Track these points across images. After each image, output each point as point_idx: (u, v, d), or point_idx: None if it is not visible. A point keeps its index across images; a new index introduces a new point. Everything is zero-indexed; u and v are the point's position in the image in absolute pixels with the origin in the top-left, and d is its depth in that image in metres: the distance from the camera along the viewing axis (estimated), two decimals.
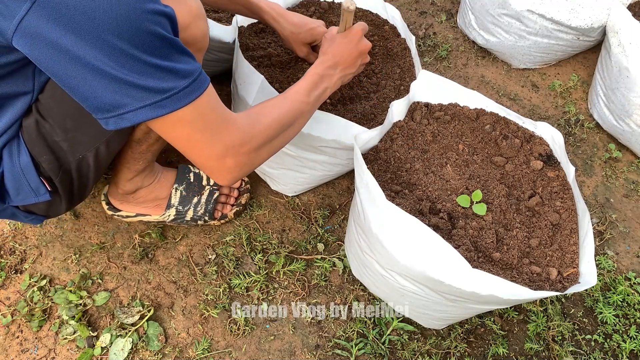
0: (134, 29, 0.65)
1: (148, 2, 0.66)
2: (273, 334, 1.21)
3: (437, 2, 2.05)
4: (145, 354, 1.16)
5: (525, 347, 1.24)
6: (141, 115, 0.70)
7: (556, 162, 1.12)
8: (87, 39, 0.63)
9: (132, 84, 0.67)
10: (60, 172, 0.92)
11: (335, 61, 1.03)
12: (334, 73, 1.03)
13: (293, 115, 0.93)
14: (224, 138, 0.79)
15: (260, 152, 0.87)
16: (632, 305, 1.32)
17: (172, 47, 0.70)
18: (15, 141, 0.87)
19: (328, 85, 1.02)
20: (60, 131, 0.87)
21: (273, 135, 0.88)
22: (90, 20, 0.62)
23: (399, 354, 1.20)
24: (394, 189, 1.04)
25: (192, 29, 0.88)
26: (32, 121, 0.86)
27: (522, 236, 1.01)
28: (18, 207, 0.96)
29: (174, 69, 0.70)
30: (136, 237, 1.31)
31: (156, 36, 0.67)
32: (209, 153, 0.80)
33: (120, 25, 0.63)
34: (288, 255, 1.32)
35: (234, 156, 0.82)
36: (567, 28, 1.63)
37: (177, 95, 0.71)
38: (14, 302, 1.21)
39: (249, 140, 0.83)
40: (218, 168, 0.83)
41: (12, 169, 0.88)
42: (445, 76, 1.42)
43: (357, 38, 1.06)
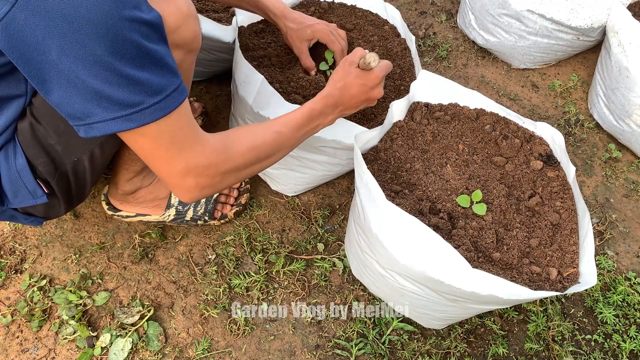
0: (111, 35, 0.63)
1: (128, 8, 0.65)
2: (273, 334, 1.21)
3: (437, 2, 2.05)
4: (145, 354, 1.16)
5: (525, 347, 1.24)
6: (110, 126, 0.69)
7: (556, 162, 1.12)
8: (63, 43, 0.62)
9: (104, 94, 0.66)
10: (56, 175, 0.92)
11: (340, 101, 0.99)
12: (332, 112, 1.00)
13: (273, 148, 0.91)
14: (187, 157, 0.78)
15: (226, 177, 0.85)
16: (632, 305, 1.32)
17: (149, 57, 0.68)
18: (12, 144, 0.87)
19: (322, 122, 0.99)
20: (54, 134, 0.86)
21: (244, 164, 0.86)
22: (68, 24, 0.61)
23: (399, 354, 1.20)
24: (394, 189, 1.04)
25: (182, 30, 0.86)
26: (27, 124, 0.85)
27: (522, 236, 1.01)
28: (17, 210, 0.96)
29: (147, 81, 0.68)
30: (136, 237, 1.31)
31: (132, 45, 0.66)
32: (170, 169, 0.78)
33: (97, 31, 0.62)
34: (288, 255, 1.32)
35: (196, 177, 0.80)
36: (567, 28, 1.63)
37: (147, 110, 0.70)
38: (14, 302, 1.21)
39: (215, 165, 0.81)
40: (178, 185, 0.81)
41: (9, 171, 0.88)
42: (445, 76, 1.42)
43: (374, 84, 1.00)
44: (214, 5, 1.50)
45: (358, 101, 1.01)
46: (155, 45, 0.69)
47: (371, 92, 1.01)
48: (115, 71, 0.65)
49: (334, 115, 1.00)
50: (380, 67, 1.00)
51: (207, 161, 0.80)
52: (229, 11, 1.49)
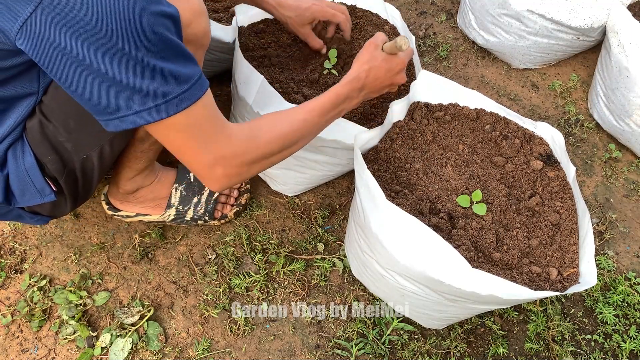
0: (138, 30, 0.65)
1: (153, 3, 0.66)
2: (273, 334, 1.21)
3: (437, 2, 2.05)
4: (145, 354, 1.16)
5: (525, 347, 1.24)
6: (141, 118, 0.70)
7: (556, 162, 1.12)
8: (90, 41, 0.63)
9: (133, 87, 0.67)
10: (65, 172, 0.92)
11: (365, 84, 0.99)
12: (358, 95, 1.00)
13: (298, 135, 0.91)
14: (215, 148, 0.79)
15: (253, 166, 0.86)
16: (632, 305, 1.32)
17: (174, 49, 0.70)
18: (20, 142, 0.88)
19: (347, 107, 0.99)
20: (64, 131, 0.87)
21: (270, 152, 0.87)
22: (94, 21, 0.62)
23: (399, 354, 1.20)
24: (394, 189, 1.04)
25: (194, 26, 0.88)
26: (36, 122, 0.86)
27: (522, 236, 1.01)
28: (24, 209, 0.96)
29: (174, 71, 0.70)
30: (136, 237, 1.31)
31: (159, 38, 0.67)
32: (199, 160, 0.80)
33: (124, 27, 0.63)
34: (288, 255, 1.32)
35: (224, 167, 0.81)
36: (567, 28, 1.63)
37: (176, 99, 0.71)
38: (14, 302, 1.21)
39: (242, 154, 0.82)
40: (207, 176, 0.83)
41: (17, 170, 0.88)
42: (445, 76, 1.42)
43: (399, 68, 1.01)
44: (214, 5, 1.50)
45: (382, 85, 1.02)
46: (176, 37, 0.71)
47: (395, 77, 1.02)
48: (143, 64, 0.67)
49: (359, 99, 1.01)
50: (405, 53, 1.02)
51: (233, 151, 0.81)
52: (229, 11, 1.49)
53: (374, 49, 1.00)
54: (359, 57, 1.01)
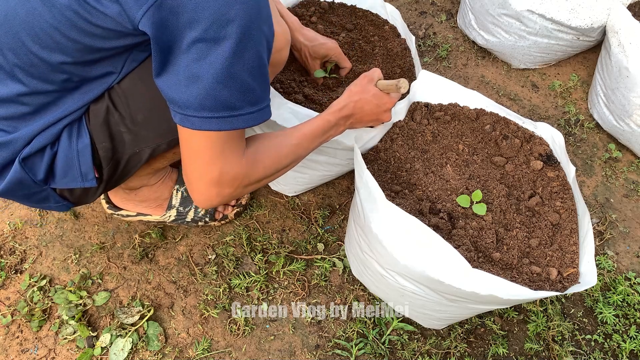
0: (245, 40, 0.68)
1: (264, 20, 0.70)
2: (273, 334, 1.21)
3: (437, 2, 2.05)
4: (145, 354, 1.16)
5: (525, 347, 1.24)
6: (205, 124, 0.73)
7: (556, 162, 1.12)
8: (197, 37, 0.66)
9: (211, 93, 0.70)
10: (112, 162, 0.92)
11: (353, 114, 1.02)
12: (344, 124, 1.02)
13: (290, 160, 0.93)
14: (225, 167, 0.79)
15: (247, 188, 0.87)
16: (632, 305, 1.32)
17: (262, 70, 0.73)
18: (77, 123, 0.87)
19: (334, 133, 1.02)
20: (130, 123, 0.88)
21: (264, 176, 0.89)
22: (212, 20, 0.65)
23: (399, 354, 1.20)
24: (394, 189, 1.04)
25: (283, 53, 0.94)
26: (103, 107, 0.86)
27: (522, 236, 1.01)
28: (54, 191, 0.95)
29: (253, 91, 0.73)
30: (136, 237, 1.31)
31: (257, 54, 0.70)
32: (203, 174, 0.80)
33: (234, 33, 0.67)
34: (288, 255, 1.32)
35: (220, 187, 0.81)
36: (567, 28, 1.63)
37: (243, 117, 0.74)
38: (14, 302, 1.21)
39: (241, 177, 0.83)
40: (201, 191, 0.82)
41: (68, 150, 0.88)
42: (445, 76, 1.42)
43: (387, 107, 1.05)
44: None
45: (368, 119, 1.05)
46: (266, 60, 0.74)
47: (382, 115, 1.05)
48: (234, 74, 0.69)
49: (345, 127, 1.03)
50: (397, 94, 1.06)
51: (236, 173, 0.82)
52: None
53: (367, 82, 1.04)
54: (351, 87, 1.04)
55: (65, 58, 0.75)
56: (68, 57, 0.75)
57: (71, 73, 0.79)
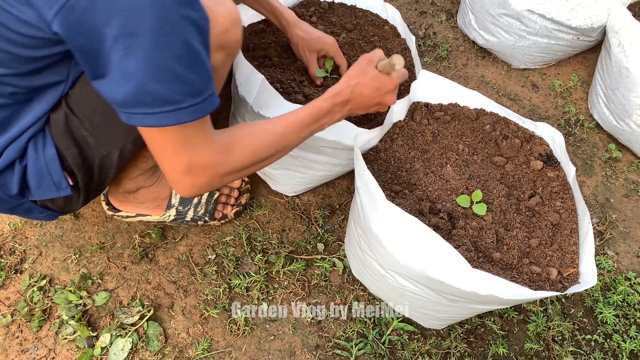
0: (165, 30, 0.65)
1: (184, 5, 0.66)
2: (273, 334, 1.21)
3: (437, 2, 2.05)
4: (145, 354, 1.16)
5: (525, 347, 1.24)
6: (148, 120, 0.70)
7: (556, 162, 1.12)
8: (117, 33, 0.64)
9: (146, 89, 0.67)
10: (83, 167, 0.92)
11: (350, 99, 0.95)
12: (341, 110, 0.96)
13: (274, 149, 0.90)
14: (191, 157, 0.78)
15: (224, 178, 0.85)
16: (632, 305, 1.32)
17: (195, 58, 0.70)
18: (41, 134, 0.88)
19: (329, 121, 0.96)
20: (89, 126, 0.87)
21: (243, 166, 0.86)
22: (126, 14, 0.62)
23: (399, 354, 1.20)
24: (394, 189, 1.04)
25: (231, 34, 0.87)
26: (61, 115, 0.86)
27: (522, 236, 1.01)
28: (35, 202, 0.96)
29: (190, 81, 0.70)
30: (136, 237, 1.31)
31: (184, 43, 0.67)
32: (173, 165, 0.79)
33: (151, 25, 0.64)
34: (288, 255, 1.32)
35: (194, 177, 0.80)
36: (567, 28, 1.63)
37: (185, 110, 0.71)
38: (14, 302, 1.21)
39: (216, 166, 0.81)
40: (177, 181, 0.81)
41: (37, 162, 0.88)
42: (445, 76, 1.42)
43: (388, 89, 0.96)
44: None
45: (369, 103, 0.97)
46: (199, 47, 0.71)
47: (384, 97, 0.97)
48: (162, 66, 0.67)
49: (342, 114, 0.97)
50: (399, 73, 0.97)
51: (208, 162, 0.80)
52: None
53: (366, 64, 0.97)
54: (349, 71, 0.97)
55: (4, 70, 0.75)
56: (7, 70, 0.75)
57: (17, 85, 0.78)
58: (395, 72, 0.96)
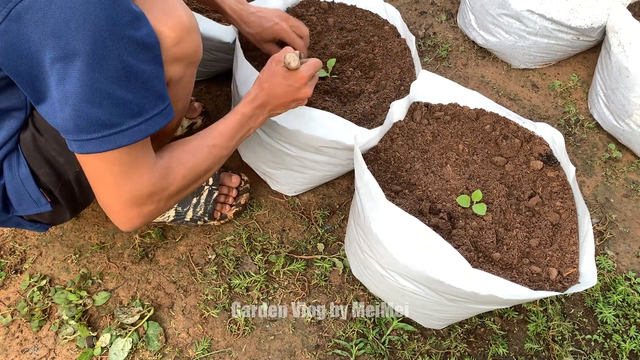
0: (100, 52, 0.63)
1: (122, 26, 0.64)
2: (273, 334, 1.21)
3: (437, 2, 2.05)
4: (145, 354, 1.16)
5: (525, 347, 1.24)
6: (86, 146, 0.68)
7: (556, 162, 1.12)
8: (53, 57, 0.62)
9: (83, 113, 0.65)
10: (59, 184, 0.91)
11: (268, 101, 0.97)
12: (261, 113, 0.98)
13: (210, 162, 0.90)
14: (135, 186, 0.76)
15: (168, 201, 0.84)
16: (632, 305, 1.32)
17: (135, 78, 0.68)
18: (15, 153, 0.87)
19: (253, 125, 0.98)
20: (56, 145, 0.86)
21: (185, 185, 0.85)
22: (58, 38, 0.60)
23: (399, 354, 1.20)
24: (394, 189, 1.04)
25: (184, 43, 0.83)
26: (29, 135, 0.85)
27: (522, 236, 1.01)
28: (22, 217, 0.96)
29: (129, 102, 0.68)
30: (136, 237, 1.31)
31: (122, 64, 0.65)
32: (115, 198, 0.77)
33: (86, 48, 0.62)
34: (288, 255, 1.32)
35: (139, 206, 0.78)
36: (567, 28, 1.63)
37: (125, 132, 0.69)
38: (14, 302, 1.21)
39: (159, 191, 0.80)
40: (121, 214, 0.79)
41: (13, 180, 0.88)
42: (445, 76, 1.42)
43: (300, 84, 0.97)
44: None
45: (286, 101, 0.99)
46: (145, 65, 0.69)
47: (298, 93, 0.98)
48: (98, 89, 0.65)
49: (264, 116, 0.99)
50: (307, 66, 0.97)
51: (151, 189, 0.78)
52: None
53: (275, 64, 0.97)
54: (260, 74, 0.98)
55: None
56: None
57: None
58: (304, 66, 0.97)
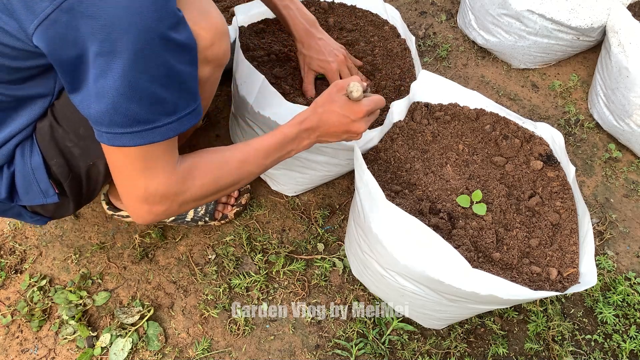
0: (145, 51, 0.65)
1: (166, 28, 0.66)
2: (273, 334, 1.21)
3: (437, 2, 2.05)
4: (145, 354, 1.16)
5: (525, 347, 1.24)
6: (119, 140, 0.70)
7: (556, 162, 1.12)
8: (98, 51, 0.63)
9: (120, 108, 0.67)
10: (69, 176, 0.92)
11: (318, 126, 0.93)
12: (308, 137, 0.94)
13: (237, 178, 0.88)
14: (148, 184, 0.76)
15: (183, 206, 0.83)
16: (632, 305, 1.32)
17: (174, 78, 0.70)
18: (29, 142, 0.88)
19: (295, 148, 0.93)
20: (74, 137, 0.87)
21: (203, 195, 0.84)
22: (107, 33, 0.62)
23: (399, 354, 1.20)
24: (394, 189, 1.04)
25: (216, 47, 0.86)
26: (47, 124, 0.86)
27: (522, 236, 1.01)
28: (25, 207, 0.96)
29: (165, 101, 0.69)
30: (136, 237, 1.31)
31: (163, 64, 0.67)
32: (130, 190, 0.78)
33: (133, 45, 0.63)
34: (288, 255, 1.32)
35: (151, 205, 0.79)
36: (567, 28, 1.63)
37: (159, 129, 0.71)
38: (14, 302, 1.21)
39: (173, 195, 0.80)
40: (133, 208, 0.80)
41: (24, 168, 0.88)
42: (445, 76, 1.42)
43: (356, 117, 0.91)
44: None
45: (337, 131, 0.94)
46: (183, 66, 0.71)
47: (352, 125, 0.92)
48: (138, 87, 0.66)
49: (310, 141, 0.95)
50: (369, 100, 0.93)
51: (166, 191, 0.79)
52: (229, 11, 1.49)
53: (336, 91, 0.92)
54: (318, 98, 0.94)
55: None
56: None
57: (2, 94, 0.79)
58: (366, 100, 0.92)
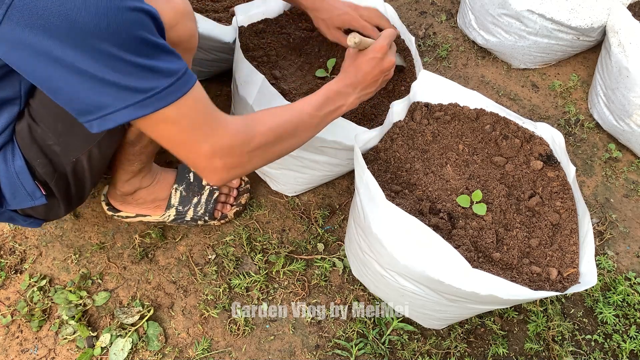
0: (113, 26, 0.63)
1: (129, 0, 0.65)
2: (273, 334, 1.21)
3: (437, 2, 2.05)
4: (145, 354, 1.16)
5: (525, 347, 1.24)
6: (124, 115, 0.69)
7: (556, 162, 1.12)
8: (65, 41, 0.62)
9: (114, 83, 0.66)
10: (55, 176, 0.91)
11: (356, 80, 0.99)
12: (352, 92, 0.99)
13: (293, 127, 0.91)
14: (211, 140, 0.78)
15: (252, 158, 0.85)
16: (632, 305, 1.32)
17: (154, 45, 0.69)
18: (10, 145, 0.87)
19: (344, 103, 0.99)
20: (53, 135, 0.86)
21: (267, 143, 0.86)
22: (67, 21, 0.60)
23: (399, 354, 1.20)
24: (394, 189, 1.04)
25: (179, 28, 0.86)
26: (25, 125, 0.85)
27: (522, 236, 1.01)
28: (16, 211, 0.96)
29: (156, 67, 0.69)
30: (136, 237, 1.31)
31: (136, 34, 0.66)
32: (196, 151, 0.79)
33: (99, 24, 0.62)
34: (288, 255, 1.32)
35: (222, 158, 0.80)
36: (567, 28, 1.63)
37: (160, 94, 0.70)
38: (14, 302, 1.21)
39: (240, 144, 0.81)
40: (206, 167, 0.81)
41: (7, 173, 0.88)
42: (445, 76, 1.42)
43: (379, 55, 1.00)
44: (214, 5, 1.50)
45: (374, 75, 1.01)
46: (156, 37, 0.70)
47: (383, 62, 1.01)
48: (123, 61, 0.66)
49: (356, 95, 1.00)
50: (382, 37, 1.02)
51: (231, 141, 0.80)
52: (229, 11, 1.49)
53: (353, 53, 1.02)
54: (343, 63, 1.03)
55: None
56: None
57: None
58: (379, 38, 1.02)
